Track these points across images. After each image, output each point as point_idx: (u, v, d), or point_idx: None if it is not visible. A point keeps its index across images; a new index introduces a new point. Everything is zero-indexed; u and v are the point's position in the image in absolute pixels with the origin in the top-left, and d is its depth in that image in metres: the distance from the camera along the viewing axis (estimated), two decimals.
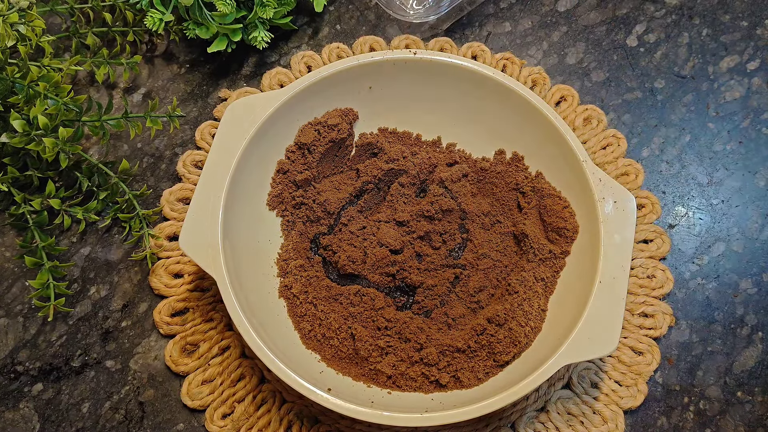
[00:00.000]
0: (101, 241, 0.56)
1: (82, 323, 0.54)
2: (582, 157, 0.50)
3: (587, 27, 0.65)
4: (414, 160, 0.56)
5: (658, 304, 0.54)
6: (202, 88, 0.63)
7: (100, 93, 0.62)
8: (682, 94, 0.62)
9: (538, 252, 0.52)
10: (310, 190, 0.55)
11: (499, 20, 0.65)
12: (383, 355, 0.49)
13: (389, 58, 0.54)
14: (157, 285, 0.54)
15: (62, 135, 0.50)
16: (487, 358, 0.48)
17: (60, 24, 0.64)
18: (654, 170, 0.59)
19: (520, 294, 0.50)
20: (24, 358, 0.52)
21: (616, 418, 0.50)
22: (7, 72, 0.51)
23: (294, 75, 0.62)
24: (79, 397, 0.51)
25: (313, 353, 0.50)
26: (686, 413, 0.51)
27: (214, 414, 0.50)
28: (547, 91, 0.62)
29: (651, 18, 0.65)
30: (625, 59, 0.64)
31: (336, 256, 0.53)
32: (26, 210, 0.54)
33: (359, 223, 0.54)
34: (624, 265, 0.47)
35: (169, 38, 0.64)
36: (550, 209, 0.53)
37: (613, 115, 0.61)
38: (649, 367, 0.52)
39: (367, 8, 0.66)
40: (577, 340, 0.45)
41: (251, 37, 0.61)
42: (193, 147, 0.60)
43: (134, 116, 0.56)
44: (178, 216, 0.57)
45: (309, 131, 0.54)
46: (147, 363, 0.53)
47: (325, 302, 0.51)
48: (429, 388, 0.48)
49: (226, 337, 0.53)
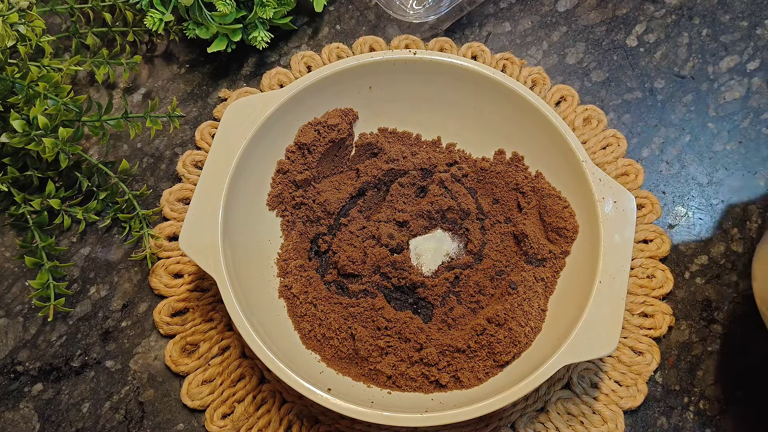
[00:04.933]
0: (101, 241, 0.56)
1: (82, 323, 0.54)
2: (582, 157, 0.50)
3: (587, 27, 0.65)
4: (414, 160, 0.56)
5: (658, 304, 0.54)
6: (202, 88, 0.63)
7: (100, 93, 0.62)
8: (682, 94, 0.62)
9: (538, 252, 0.52)
10: (310, 190, 0.55)
11: (499, 20, 0.65)
12: (383, 355, 0.49)
13: (389, 58, 0.54)
14: (157, 285, 0.54)
15: (62, 135, 0.50)
16: (487, 358, 0.48)
17: (60, 24, 0.64)
18: (654, 170, 0.59)
19: (520, 294, 0.50)
20: (24, 358, 0.52)
21: (616, 418, 0.50)
22: (7, 72, 0.51)
23: (294, 75, 0.62)
24: (79, 397, 0.51)
25: (313, 353, 0.50)
26: (686, 413, 0.51)
27: (214, 414, 0.50)
28: (547, 91, 0.62)
29: (651, 18, 0.65)
30: (625, 59, 0.64)
31: (336, 256, 0.53)
32: (26, 210, 0.54)
33: (359, 223, 0.54)
34: (624, 265, 0.47)
35: (169, 38, 0.64)
36: (550, 209, 0.53)
37: (613, 115, 0.61)
38: (649, 367, 0.52)
39: (367, 8, 0.66)
40: (577, 340, 0.45)
41: (251, 37, 0.61)
42: (193, 147, 0.60)
43: (134, 116, 0.56)
44: (178, 216, 0.57)
45: (309, 131, 0.54)
46: (147, 363, 0.53)
47: (325, 302, 0.51)
48: (429, 388, 0.48)
49: (226, 337, 0.53)
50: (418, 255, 0.54)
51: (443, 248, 0.54)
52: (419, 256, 0.54)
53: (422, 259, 0.54)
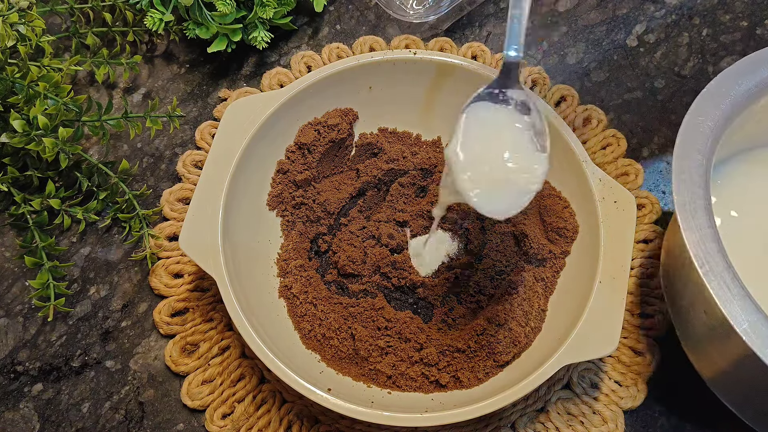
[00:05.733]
0: (101, 241, 0.56)
1: (82, 323, 0.54)
2: (582, 157, 0.50)
3: (587, 27, 0.65)
4: (414, 160, 0.56)
5: (658, 304, 0.54)
6: (202, 88, 0.63)
7: (100, 93, 0.62)
8: (682, 94, 0.62)
9: (538, 252, 0.52)
10: (310, 190, 0.55)
11: (499, 20, 0.65)
12: (383, 355, 0.49)
13: (389, 58, 0.54)
14: (157, 285, 0.54)
15: (62, 135, 0.50)
16: (487, 358, 0.48)
17: (60, 24, 0.64)
18: (654, 170, 0.59)
19: (520, 294, 0.50)
20: (24, 358, 0.52)
21: (616, 418, 0.50)
22: (7, 72, 0.51)
23: (294, 75, 0.62)
24: (79, 397, 0.51)
25: (313, 353, 0.50)
26: (686, 413, 0.51)
27: (214, 414, 0.50)
28: (547, 91, 0.62)
29: (651, 18, 0.65)
30: (625, 59, 0.64)
31: (336, 256, 0.53)
32: (26, 210, 0.54)
33: (359, 223, 0.54)
34: (624, 265, 0.47)
35: (169, 38, 0.64)
36: (550, 209, 0.53)
37: (613, 115, 0.61)
38: (649, 367, 0.52)
39: (367, 8, 0.66)
40: (577, 340, 0.45)
41: (251, 37, 0.61)
42: (193, 147, 0.60)
43: (134, 116, 0.56)
44: (178, 216, 0.57)
45: (309, 131, 0.54)
46: (147, 363, 0.53)
47: (325, 302, 0.51)
48: (429, 388, 0.48)
49: (226, 337, 0.53)
50: (418, 255, 0.54)
51: (443, 248, 0.54)
52: (418, 256, 0.54)
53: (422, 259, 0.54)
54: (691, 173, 0.42)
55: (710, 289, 0.38)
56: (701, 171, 0.42)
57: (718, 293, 0.38)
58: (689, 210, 0.41)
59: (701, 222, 0.40)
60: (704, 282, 0.39)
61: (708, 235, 0.40)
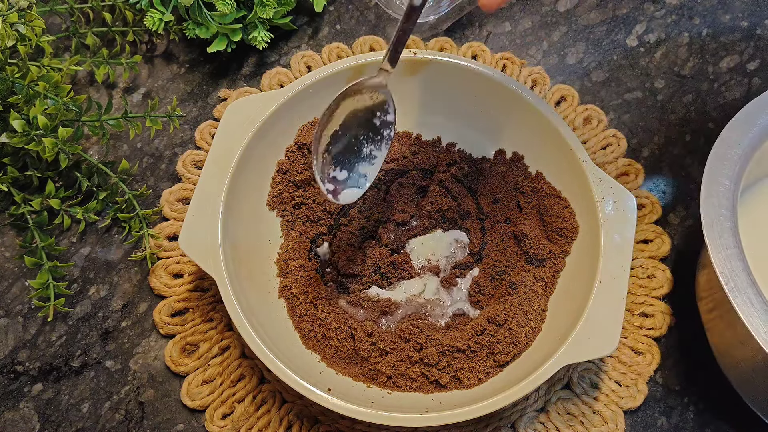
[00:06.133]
0: (101, 241, 0.56)
1: (82, 323, 0.54)
2: (582, 157, 0.50)
3: (587, 27, 0.65)
4: (414, 160, 0.56)
5: (658, 304, 0.54)
6: (202, 88, 0.63)
7: (100, 93, 0.62)
8: (682, 94, 0.62)
9: (538, 252, 0.52)
10: (310, 190, 0.55)
11: (499, 20, 0.65)
12: (383, 355, 0.49)
13: None
14: (157, 285, 0.54)
15: (62, 135, 0.50)
16: (487, 358, 0.48)
17: (60, 24, 0.64)
18: (654, 170, 0.59)
19: (520, 294, 0.50)
20: (24, 358, 0.52)
21: (616, 418, 0.50)
22: (7, 72, 0.51)
23: (294, 75, 0.62)
24: (79, 397, 0.51)
25: (313, 353, 0.50)
26: (686, 413, 0.51)
27: (214, 414, 0.50)
28: (547, 91, 0.62)
29: (651, 18, 0.65)
30: (625, 59, 0.64)
31: (336, 257, 0.53)
32: (26, 210, 0.54)
33: (359, 223, 0.54)
34: (624, 265, 0.47)
35: (169, 38, 0.64)
36: (550, 209, 0.53)
37: (613, 115, 0.61)
38: (649, 367, 0.52)
39: (367, 8, 0.66)
40: (577, 340, 0.45)
41: (251, 37, 0.61)
42: (192, 147, 0.60)
43: (134, 116, 0.56)
44: (178, 216, 0.57)
45: (309, 131, 0.54)
46: (147, 363, 0.53)
47: (325, 302, 0.51)
48: (429, 388, 0.48)
49: (226, 337, 0.53)
50: (419, 254, 0.54)
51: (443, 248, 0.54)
52: (419, 255, 0.54)
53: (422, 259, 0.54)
54: (719, 197, 0.45)
55: (734, 304, 0.41)
56: (728, 195, 0.45)
57: (742, 308, 0.41)
58: (716, 231, 0.44)
59: (727, 242, 0.43)
60: (729, 298, 0.42)
61: (733, 254, 0.43)
